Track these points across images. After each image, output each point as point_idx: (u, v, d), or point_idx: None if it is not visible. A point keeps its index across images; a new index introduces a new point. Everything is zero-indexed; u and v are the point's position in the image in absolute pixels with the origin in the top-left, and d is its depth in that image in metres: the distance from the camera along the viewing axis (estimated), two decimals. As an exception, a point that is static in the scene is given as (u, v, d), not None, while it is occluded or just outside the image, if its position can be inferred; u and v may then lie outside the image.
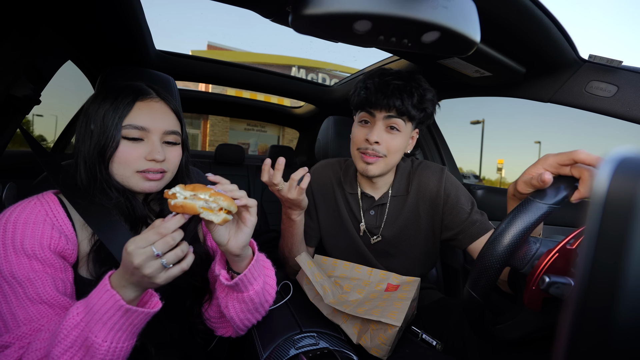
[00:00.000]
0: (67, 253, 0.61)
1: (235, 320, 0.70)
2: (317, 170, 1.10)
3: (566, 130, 58.55)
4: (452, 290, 1.43)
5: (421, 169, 1.02)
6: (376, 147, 0.89)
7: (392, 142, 0.90)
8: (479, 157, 17.53)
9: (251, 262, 0.65)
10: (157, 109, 0.67)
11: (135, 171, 0.63)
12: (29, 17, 0.86)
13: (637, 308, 0.19)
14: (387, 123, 0.89)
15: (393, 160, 0.92)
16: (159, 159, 0.64)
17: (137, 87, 0.67)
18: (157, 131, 0.65)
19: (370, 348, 0.80)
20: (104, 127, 0.61)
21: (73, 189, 0.64)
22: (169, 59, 1.54)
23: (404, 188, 1.01)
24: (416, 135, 0.97)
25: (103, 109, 0.63)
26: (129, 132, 0.62)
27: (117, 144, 0.62)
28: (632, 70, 0.82)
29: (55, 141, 1.82)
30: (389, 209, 1.00)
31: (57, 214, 0.62)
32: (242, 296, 0.67)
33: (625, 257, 0.19)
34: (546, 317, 0.55)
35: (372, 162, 0.90)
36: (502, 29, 0.76)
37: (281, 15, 0.65)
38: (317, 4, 0.47)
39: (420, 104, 0.88)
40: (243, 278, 0.64)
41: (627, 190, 0.20)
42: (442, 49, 0.60)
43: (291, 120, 2.69)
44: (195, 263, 0.71)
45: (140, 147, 0.64)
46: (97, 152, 0.62)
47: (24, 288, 0.54)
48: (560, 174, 0.54)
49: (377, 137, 0.88)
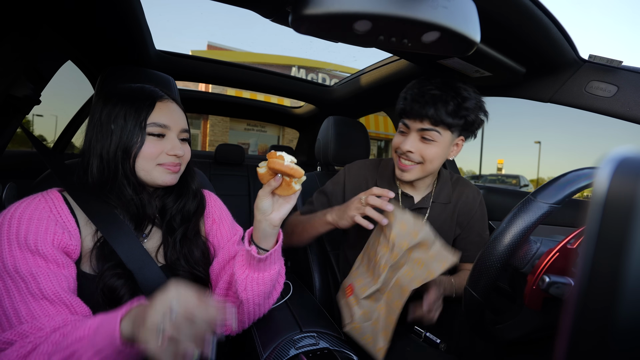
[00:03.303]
0: (71, 249, 0.62)
1: (250, 305, 0.71)
2: (353, 167, 1.12)
3: (566, 130, 58.56)
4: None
5: (462, 184, 1.08)
6: (409, 155, 0.92)
7: (426, 151, 0.91)
8: (479, 157, 17.53)
9: (277, 242, 0.71)
10: (174, 109, 0.72)
11: (157, 164, 0.68)
12: (29, 18, 0.86)
13: (637, 308, 0.19)
14: (422, 134, 0.90)
15: (431, 167, 0.94)
16: (180, 154, 0.70)
17: (152, 89, 0.72)
18: (175, 128, 0.71)
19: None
20: (126, 127, 0.66)
21: (77, 187, 0.66)
22: (169, 59, 1.54)
23: (446, 196, 1.04)
24: (461, 142, 0.96)
25: (122, 109, 0.66)
26: (153, 129, 0.67)
27: (143, 141, 0.66)
28: (632, 70, 0.82)
29: (56, 141, 1.82)
30: (430, 214, 1.02)
31: (60, 211, 0.63)
32: (263, 277, 0.70)
33: (625, 257, 0.19)
34: (546, 317, 0.55)
35: (405, 169, 0.94)
36: (502, 29, 0.76)
37: (281, 15, 0.65)
38: (317, 4, 0.47)
39: (457, 112, 0.87)
40: (273, 253, 0.69)
41: (627, 190, 0.20)
42: (442, 49, 0.60)
43: (291, 120, 2.68)
44: (198, 254, 0.75)
45: (162, 143, 0.69)
46: (121, 149, 0.65)
47: (27, 284, 0.55)
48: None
49: (410, 146, 0.91)
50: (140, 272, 0.64)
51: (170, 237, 0.73)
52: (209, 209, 0.83)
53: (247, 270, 0.70)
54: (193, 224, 0.77)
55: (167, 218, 0.74)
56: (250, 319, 0.75)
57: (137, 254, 0.65)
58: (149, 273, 0.65)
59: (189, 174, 0.79)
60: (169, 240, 0.73)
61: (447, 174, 1.09)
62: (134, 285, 0.64)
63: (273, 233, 0.69)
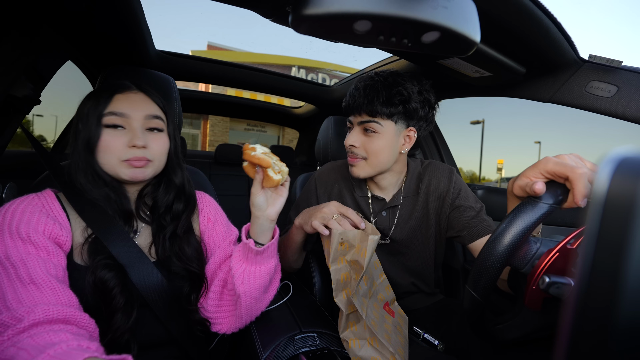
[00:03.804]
0: (61, 240, 0.63)
1: (247, 299, 0.72)
2: (323, 173, 1.10)
3: (566, 130, 58.56)
4: (452, 291, 1.43)
5: (431, 169, 1.03)
6: (354, 150, 0.93)
7: (370, 144, 0.91)
8: (479, 157, 17.54)
9: (274, 236, 0.74)
10: (136, 99, 0.70)
11: (121, 160, 0.67)
12: (29, 17, 0.86)
13: (637, 308, 0.19)
14: (363, 127, 0.92)
15: (377, 161, 0.92)
16: (139, 144, 0.66)
17: (116, 83, 0.72)
18: (137, 117, 0.68)
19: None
20: (87, 122, 0.66)
21: (71, 188, 0.67)
22: (169, 59, 1.54)
23: (414, 188, 1.02)
24: (412, 134, 0.94)
25: (86, 106, 0.68)
26: (109, 119, 0.66)
27: (99, 134, 0.66)
28: (632, 70, 0.82)
29: (56, 141, 1.82)
30: (400, 210, 1.01)
31: (52, 206, 0.66)
32: (260, 270, 0.72)
33: (625, 257, 0.19)
34: (546, 317, 0.55)
35: (353, 163, 0.94)
36: (502, 29, 0.76)
37: (281, 15, 0.65)
38: (317, 4, 0.47)
39: (390, 100, 0.87)
40: (270, 246, 0.71)
41: (627, 190, 0.20)
42: (442, 49, 0.60)
43: (291, 120, 2.68)
44: (190, 251, 0.76)
45: (122, 135, 0.67)
46: (84, 145, 0.66)
47: (16, 269, 0.55)
48: (556, 181, 0.53)
49: (353, 140, 0.92)
50: (132, 266, 0.65)
51: (160, 234, 0.74)
52: (203, 209, 0.83)
53: (244, 264, 0.71)
54: (183, 222, 0.76)
55: (156, 215, 0.75)
56: (248, 314, 0.75)
57: (127, 249, 0.66)
58: (141, 268, 0.66)
59: (172, 169, 0.76)
60: (159, 237, 0.73)
61: (417, 163, 1.05)
62: (125, 278, 0.65)
63: (270, 227, 0.72)
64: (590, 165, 0.51)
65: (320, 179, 1.08)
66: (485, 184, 13.44)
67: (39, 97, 1.07)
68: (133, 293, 0.65)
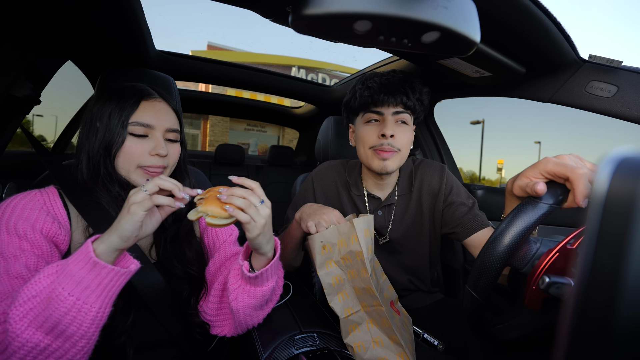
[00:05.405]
0: (59, 239, 0.63)
1: (240, 315, 0.70)
2: (321, 172, 1.09)
3: (566, 130, 58.55)
4: (452, 291, 1.43)
5: (422, 167, 1.03)
6: (392, 142, 0.89)
7: (403, 136, 0.92)
8: (479, 157, 17.54)
9: (273, 259, 0.68)
10: (161, 108, 0.71)
11: (138, 166, 0.68)
12: (28, 17, 0.86)
13: (637, 308, 0.19)
14: (397, 118, 0.91)
15: (404, 154, 0.94)
16: (163, 153, 0.68)
17: (141, 88, 0.71)
18: (160, 128, 0.70)
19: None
20: (110, 125, 0.66)
21: (72, 186, 0.67)
22: (169, 59, 1.54)
23: (407, 187, 1.02)
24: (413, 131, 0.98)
25: (109, 108, 0.67)
26: (135, 129, 0.67)
27: (123, 140, 0.66)
28: (632, 70, 0.82)
29: (56, 141, 1.82)
30: (396, 208, 1.01)
31: (54, 204, 0.66)
32: (255, 290, 0.68)
33: (625, 257, 0.19)
34: (546, 317, 0.55)
35: (388, 157, 0.90)
36: (502, 29, 0.76)
37: (281, 15, 0.65)
38: (317, 4, 0.47)
39: (421, 98, 0.92)
40: (264, 272, 0.67)
41: (627, 190, 0.20)
42: (442, 49, 0.60)
43: (291, 120, 2.68)
44: (191, 254, 0.76)
45: (144, 143, 0.68)
46: (102, 147, 0.66)
47: (7, 262, 0.56)
48: (556, 181, 0.53)
49: (392, 130, 0.89)
50: None
51: (162, 236, 0.73)
52: None
53: (240, 281, 0.69)
54: (185, 224, 0.76)
55: None
56: (243, 327, 0.75)
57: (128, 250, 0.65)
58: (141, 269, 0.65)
59: (180, 174, 0.78)
60: (161, 239, 0.73)
61: (409, 163, 1.06)
62: None
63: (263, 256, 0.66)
64: (590, 165, 0.52)
65: (318, 178, 1.08)
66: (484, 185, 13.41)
67: (39, 97, 1.07)
68: (132, 294, 0.65)
